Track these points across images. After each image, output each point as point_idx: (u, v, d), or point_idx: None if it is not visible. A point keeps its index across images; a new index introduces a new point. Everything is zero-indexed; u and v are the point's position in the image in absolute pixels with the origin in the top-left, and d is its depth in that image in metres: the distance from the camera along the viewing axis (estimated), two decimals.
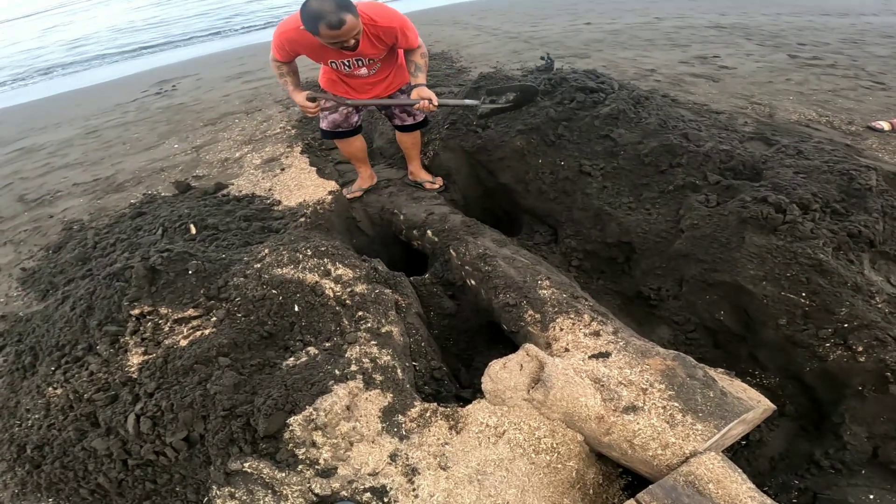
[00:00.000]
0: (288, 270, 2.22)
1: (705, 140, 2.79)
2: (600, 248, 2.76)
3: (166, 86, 7.12)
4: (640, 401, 1.60)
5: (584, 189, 2.84)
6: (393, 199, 3.19)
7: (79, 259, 2.87)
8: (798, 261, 2.08)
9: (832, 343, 1.92)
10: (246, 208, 3.08)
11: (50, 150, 5.27)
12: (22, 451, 1.81)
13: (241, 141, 4.23)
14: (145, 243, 2.73)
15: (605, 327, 1.98)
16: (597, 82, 3.28)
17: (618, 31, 7.00)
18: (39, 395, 1.94)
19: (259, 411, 1.62)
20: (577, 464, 1.62)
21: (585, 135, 2.98)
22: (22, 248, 3.38)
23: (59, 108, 7.15)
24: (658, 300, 2.50)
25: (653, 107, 3.08)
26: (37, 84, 9.92)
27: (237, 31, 11.50)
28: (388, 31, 2.33)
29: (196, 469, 1.63)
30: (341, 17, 2.03)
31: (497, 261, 2.47)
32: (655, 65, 5.30)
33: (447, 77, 5.33)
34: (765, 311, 2.10)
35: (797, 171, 2.55)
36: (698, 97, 4.20)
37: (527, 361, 1.77)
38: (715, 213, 2.42)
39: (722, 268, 2.28)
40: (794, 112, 3.83)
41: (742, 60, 5.31)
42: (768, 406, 1.64)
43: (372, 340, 1.98)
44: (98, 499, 1.67)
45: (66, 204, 3.83)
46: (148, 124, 5.39)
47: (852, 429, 1.75)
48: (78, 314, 2.13)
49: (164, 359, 1.88)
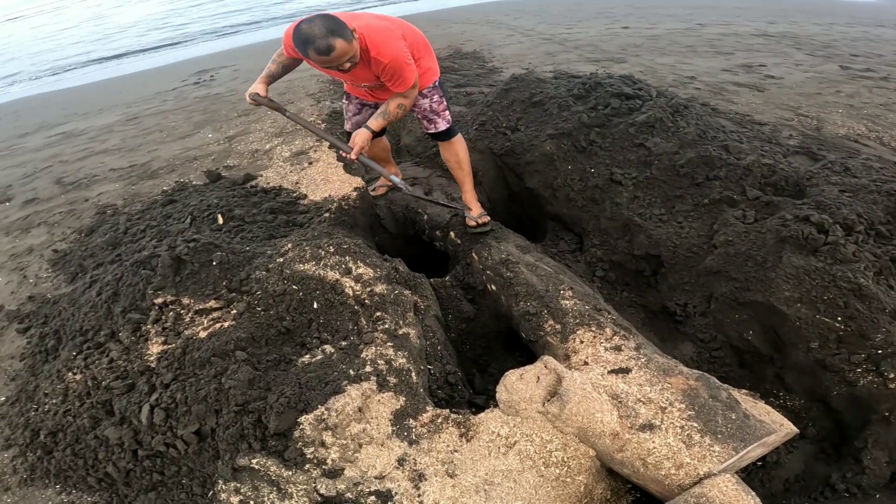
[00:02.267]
0: (309, 266, 2.23)
1: (746, 153, 2.68)
2: (627, 260, 2.69)
3: (205, 76, 7.28)
4: (657, 419, 1.57)
5: (613, 198, 2.77)
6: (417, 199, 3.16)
7: (109, 244, 2.94)
8: (837, 284, 2.00)
9: (863, 368, 1.88)
10: (272, 201, 3.10)
11: (91, 135, 5.45)
12: (35, 437, 1.85)
13: (272, 133, 4.28)
14: (174, 231, 2.78)
15: (627, 342, 1.92)
16: (633, 88, 3.19)
17: (657, 36, 6.83)
18: (59, 380, 1.99)
19: (271, 408, 1.62)
20: (586, 478, 1.59)
21: (618, 142, 2.90)
22: (56, 230, 3.48)
23: (102, 95, 7.40)
24: (684, 316, 2.42)
25: (692, 116, 2.97)
26: (85, 70, 10.28)
27: (275, 21, 11.73)
28: (377, 63, 2.10)
29: (204, 463, 1.64)
30: (330, 43, 1.89)
31: (519, 267, 2.42)
32: (696, 72, 5.14)
33: (478, 77, 5.29)
34: (797, 334, 2.03)
35: (843, 190, 2.43)
36: (741, 107, 4.05)
37: (544, 374, 1.72)
38: (752, 230, 2.33)
39: (755, 287, 2.19)
40: (842, 126, 3.66)
41: (790, 70, 5.10)
42: (791, 430, 1.60)
43: (388, 342, 1.97)
44: (104, 488, 1.71)
45: (101, 188, 3.94)
46: (185, 113, 5.51)
47: (873, 453, 1.73)
48: (104, 300, 2.17)
49: (183, 350, 1.90)
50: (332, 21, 1.92)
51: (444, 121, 2.56)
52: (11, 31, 17.32)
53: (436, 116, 2.54)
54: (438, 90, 2.52)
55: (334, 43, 1.90)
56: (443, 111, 2.54)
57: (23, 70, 11.05)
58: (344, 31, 1.92)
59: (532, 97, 3.36)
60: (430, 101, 2.49)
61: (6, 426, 2.03)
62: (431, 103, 2.50)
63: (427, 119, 2.56)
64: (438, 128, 2.57)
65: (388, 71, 2.12)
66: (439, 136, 2.62)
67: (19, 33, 16.67)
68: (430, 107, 2.51)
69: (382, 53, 2.07)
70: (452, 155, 2.68)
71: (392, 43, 2.10)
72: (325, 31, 1.89)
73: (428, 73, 2.43)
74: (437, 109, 2.52)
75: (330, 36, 1.89)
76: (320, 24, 1.90)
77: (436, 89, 2.50)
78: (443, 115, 2.55)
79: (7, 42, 15.39)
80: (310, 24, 1.91)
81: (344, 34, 1.92)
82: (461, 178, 2.76)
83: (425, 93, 2.47)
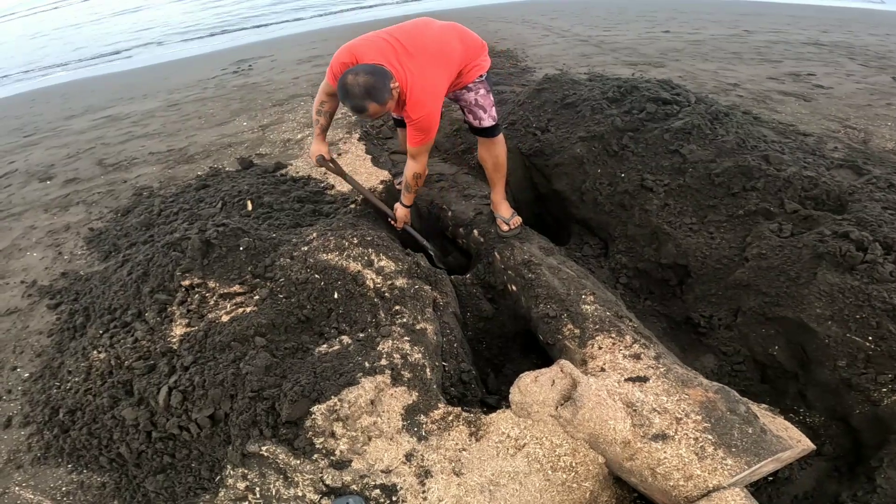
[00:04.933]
0: (333, 256, 2.25)
1: (788, 164, 2.58)
2: (653, 268, 2.62)
3: (244, 65, 7.43)
4: (671, 430, 1.54)
5: (643, 205, 2.70)
6: (443, 195, 3.16)
7: (143, 224, 3.04)
8: (871, 304, 1.93)
9: (889, 388, 1.83)
10: (301, 190, 3.15)
11: (134, 119, 5.63)
12: (55, 415, 1.90)
13: (304, 123, 4.34)
14: (205, 215, 2.85)
15: (646, 351, 1.88)
16: (671, 93, 3.10)
17: (700, 41, 6.63)
18: (83, 358, 2.05)
19: (285, 396, 1.64)
20: (592, 485, 1.57)
21: (652, 148, 2.83)
22: (94, 209, 3.61)
23: (148, 80, 7.64)
24: (708, 328, 2.36)
25: (732, 124, 2.88)
26: (140, 54, 10.64)
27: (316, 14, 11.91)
28: (407, 115, 2.19)
29: (215, 447, 1.67)
30: (363, 105, 2.02)
31: (541, 269, 2.40)
32: (739, 79, 4.97)
33: (510, 76, 5.23)
34: (825, 352, 1.98)
35: (885, 207, 2.32)
36: (785, 116, 3.90)
37: (560, 378, 1.70)
38: (787, 244, 2.25)
39: (785, 303, 2.12)
40: (890, 140, 3.48)
41: (840, 80, 4.88)
42: (807, 446, 1.56)
43: (405, 336, 1.97)
44: (115, 468, 1.74)
45: (139, 171, 4.07)
46: (223, 101, 5.64)
47: (888, 472, 1.68)
48: (133, 279, 2.24)
49: (206, 332, 1.95)
50: (375, 79, 1.99)
51: (490, 117, 2.48)
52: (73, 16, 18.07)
53: (480, 111, 2.46)
54: (485, 84, 2.43)
55: (367, 106, 2.02)
56: (489, 106, 2.46)
57: (86, 46, 11.50)
58: (381, 93, 2.01)
59: (564, 98, 3.31)
60: (475, 94, 2.42)
61: (27, 403, 2.08)
62: (477, 96, 2.42)
63: (472, 113, 2.48)
64: (483, 123, 2.49)
65: (414, 124, 2.20)
66: (483, 133, 2.53)
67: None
68: (476, 100, 2.42)
69: (415, 109, 2.15)
70: (492, 155, 2.60)
71: (428, 103, 2.15)
72: (363, 93, 1.99)
73: (475, 69, 2.36)
74: (483, 104, 2.44)
75: (366, 99, 2.00)
76: (361, 83, 1.99)
77: (482, 83, 2.42)
78: (489, 110, 2.47)
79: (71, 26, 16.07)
80: (354, 77, 1.99)
81: (379, 97, 2.01)
82: (496, 179, 2.70)
83: (471, 86, 2.40)
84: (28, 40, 14.82)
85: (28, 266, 3.06)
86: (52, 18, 18.39)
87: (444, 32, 2.27)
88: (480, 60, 2.37)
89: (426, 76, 2.14)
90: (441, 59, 2.19)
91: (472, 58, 2.33)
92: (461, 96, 2.44)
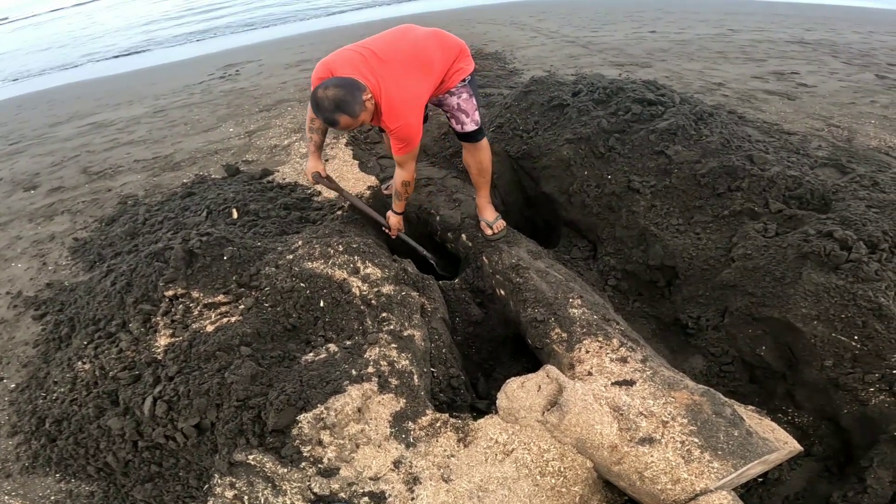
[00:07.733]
0: (318, 265, 2.24)
1: (772, 163, 2.60)
2: (641, 270, 2.63)
3: (231, 70, 7.39)
4: (658, 433, 1.55)
5: (630, 206, 2.71)
6: (431, 199, 3.15)
7: (128, 234, 3.00)
8: (856, 303, 1.94)
9: (877, 388, 1.83)
10: (287, 196, 3.13)
11: (119, 126, 5.58)
12: (41, 424, 1.89)
13: (292, 129, 4.32)
14: (190, 224, 2.82)
15: (633, 354, 1.88)
16: (656, 94, 3.11)
17: (686, 41, 6.67)
18: (69, 369, 2.03)
19: (271, 405, 1.63)
20: (581, 489, 1.57)
21: (638, 149, 2.83)
22: (78, 218, 3.56)
23: (134, 85, 7.58)
24: (696, 329, 2.36)
25: (716, 124, 2.89)
26: (128, 57, 10.56)
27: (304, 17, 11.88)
28: (385, 125, 2.18)
29: (202, 456, 1.66)
30: (335, 118, 2.02)
31: (530, 273, 2.40)
32: (725, 79, 5.00)
33: (498, 78, 5.24)
34: (811, 351, 1.99)
35: (870, 205, 2.33)
36: (770, 115, 3.92)
37: (546, 383, 1.70)
38: (772, 244, 2.26)
39: (772, 303, 2.13)
40: (874, 137, 3.52)
41: (824, 79, 4.93)
42: (795, 448, 1.57)
43: (393, 343, 1.97)
44: (103, 477, 1.74)
45: (125, 179, 4.03)
46: (210, 107, 5.60)
47: (878, 472, 1.68)
48: (118, 290, 2.22)
49: (190, 343, 1.93)
50: (344, 92, 1.98)
51: (473, 122, 2.45)
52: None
53: (463, 116, 2.43)
54: (468, 88, 2.40)
55: (338, 119, 2.03)
56: (472, 111, 2.43)
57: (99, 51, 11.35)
58: (351, 106, 1.99)
59: (551, 100, 3.31)
60: (457, 98, 2.39)
61: (14, 413, 2.07)
62: (459, 101, 2.39)
63: (455, 118, 2.46)
64: (465, 128, 2.47)
65: (393, 133, 2.18)
66: (466, 138, 2.51)
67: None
68: (458, 104, 2.40)
69: (392, 119, 2.13)
70: (476, 160, 2.59)
71: (405, 112, 2.12)
72: (333, 106, 1.99)
73: (457, 73, 2.34)
74: (466, 108, 2.41)
75: (336, 112, 2.00)
76: (332, 97, 1.98)
77: (465, 87, 2.38)
78: (472, 115, 2.44)
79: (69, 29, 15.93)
80: (324, 91, 1.99)
81: (350, 110, 2.00)
82: (480, 184, 2.69)
83: (453, 90, 2.37)
84: (21, 44, 14.72)
85: (13, 276, 3.03)
86: (48, 24, 18.24)
87: (423, 38, 2.24)
88: (463, 64, 2.34)
89: (401, 85, 2.11)
90: (418, 65, 2.16)
91: (453, 62, 2.30)
92: (444, 101, 2.41)
